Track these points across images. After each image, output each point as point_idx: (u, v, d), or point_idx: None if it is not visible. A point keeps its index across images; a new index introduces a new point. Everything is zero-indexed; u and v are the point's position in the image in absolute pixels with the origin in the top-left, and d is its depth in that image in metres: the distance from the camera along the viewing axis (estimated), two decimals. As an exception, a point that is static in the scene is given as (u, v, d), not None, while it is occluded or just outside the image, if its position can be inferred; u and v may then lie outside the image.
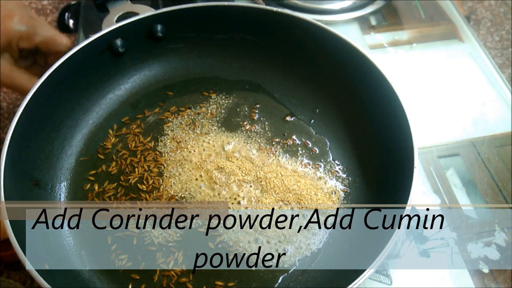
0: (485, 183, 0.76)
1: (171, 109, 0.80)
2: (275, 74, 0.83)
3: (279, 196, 0.69)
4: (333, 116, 0.79)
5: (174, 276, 0.64)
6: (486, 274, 0.67)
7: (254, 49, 0.82)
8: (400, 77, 0.87)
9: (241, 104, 0.81)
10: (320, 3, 0.97)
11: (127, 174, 0.72)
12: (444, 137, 0.82)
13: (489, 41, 1.22)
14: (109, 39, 0.75)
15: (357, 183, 0.72)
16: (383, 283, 0.66)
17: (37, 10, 1.25)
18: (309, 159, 0.75)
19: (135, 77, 0.82)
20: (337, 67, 0.77)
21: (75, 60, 0.71)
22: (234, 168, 0.72)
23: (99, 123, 0.78)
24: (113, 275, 0.64)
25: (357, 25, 0.97)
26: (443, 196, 0.74)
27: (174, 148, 0.75)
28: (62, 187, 0.71)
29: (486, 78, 0.89)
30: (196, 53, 0.84)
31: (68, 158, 0.73)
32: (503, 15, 1.25)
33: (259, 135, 0.77)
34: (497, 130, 0.82)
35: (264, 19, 0.78)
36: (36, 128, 0.69)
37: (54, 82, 0.69)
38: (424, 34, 0.97)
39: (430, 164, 0.78)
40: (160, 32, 0.79)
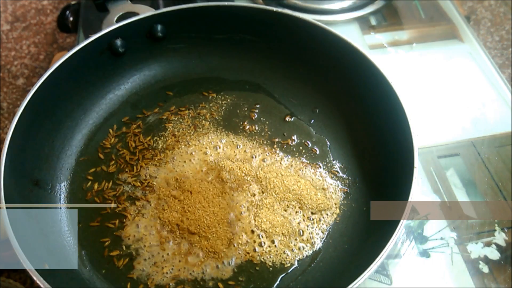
0: (485, 183, 0.76)
1: (171, 109, 0.80)
2: (275, 74, 0.83)
3: (279, 196, 0.69)
4: (333, 116, 0.79)
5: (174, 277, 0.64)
6: (486, 274, 0.67)
7: (254, 49, 0.82)
8: (400, 77, 0.87)
9: (241, 104, 0.81)
10: (320, 3, 0.97)
11: (127, 174, 0.72)
12: (444, 137, 0.81)
13: (489, 41, 1.22)
14: (109, 39, 0.75)
15: (357, 183, 0.72)
16: (383, 283, 0.66)
17: (37, 10, 1.25)
18: (309, 159, 0.75)
19: (135, 77, 0.82)
20: (337, 67, 0.77)
21: (75, 60, 0.72)
22: (234, 168, 0.72)
23: (99, 123, 0.78)
24: (113, 275, 0.64)
25: (357, 25, 0.97)
26: (443, 196, 0.74)
27: (173, 148, 0.75)
28: (62, 187, 0.71)
29: (486, 78, 0.89)
30: (196, 53, 0.84)
31: (68, 158, 0.73)
32: (503, 15, 1.25)
33: (259, 135, 0.77)
34: (497, 130, 0.82)
35: (264, 19, 0.78)
36: (36, 128, 0.69)
37: (54, 82, 0.69)
38: (424, 34, 0.97)
39: (430, 164, 0.78)
40: (160, 32, 0.79)
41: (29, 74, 1.22)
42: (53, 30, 1.30)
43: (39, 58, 1.25)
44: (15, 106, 1.13)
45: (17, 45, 1.28)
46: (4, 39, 1.29)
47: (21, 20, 1.33)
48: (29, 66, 1.23)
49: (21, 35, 1.30)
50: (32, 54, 1.26)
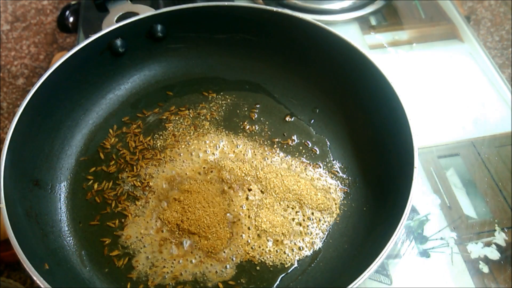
0: (485, 183, 0.76)
1: (171, 109, 0.80)
2: (275, 74, 0.83)
3: (279, 196, 0.69)
4: (333, 116, 0.79)
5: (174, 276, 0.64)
6: (486, 274, 0.67)
7: (254, 49, 0.82)
8: (400, 77, 0.87)
9: (241, 104, 0.81)
10: (320, 3, 0.97)
11: (127, 173, 0.72)
12: (444, 137, 0.81)
13: (489, 41, 1.22)
14: (109, 39, 0.75)
15: (357, 183, 0.72)
16: (383, 283, 0.66)
17: (37, 10, 1.25)
18: (309, 159, 0.75)
19: (135, 77, 0.82)
20: (337, 67, 0.77)
21: (75, 60, 0.72)
22: (234, 168, 0.72)
23: (99, 123, 0.78)
24: (113, 275, 0.64)
25: (357, 25, 0.97)
26: (443, 196, 0.74)
27: (173, 148, 0.75)
28: (62, 187, 0.71)
29: (486, 78, 0.89)
30: (196, 53, 0.84)
31: (68, 158, 0.73)
32: (503, 15, 1.25)
33: (259, 135, 0.77)
34: (497, 130, 0.82)
35: (264, 19, 0.78)
36: (36, 128, 0.69)
37: (54, 82, 0.70)
38: (424, 34, 0.97)
39: (430, 164, 0.78)
40: (160, 32, 0.79)
41: (29, 74, 1.22)
42: (53, 30, 1.31)
43: (39, 58, 1.25)
44: (15, 106, 1.13)
45: (17, 45, 1.28)
46: (4, 39, 1.29)
47: (21, 20, 1.33)
48: (29, 66, 1.23)
49: (21, 35, 1.30)
50: (32, 54, 1.26)
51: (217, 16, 0.79)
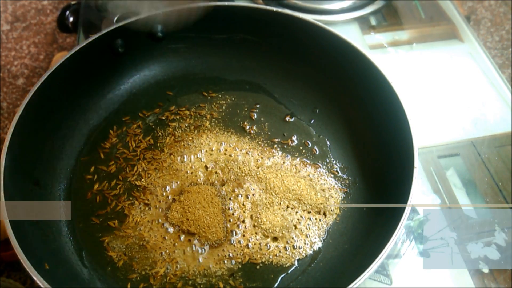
0: (485, 183, 0.76)
1: (171, 109, 0.80)
2: (275, 74, 0.83)
3: (279, 196, 0.69)
4: (333, 116, 0.79)
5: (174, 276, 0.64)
6: (486, 274, 0.67)
7: (254, 49, 0.82)
8: (400, 77, 0.87)
9: (241, 104, 0.81)
10: (320, 3, 0.97)
11: (127, 173, 0.72)
12: (444, 137, 0.81)
13: (489, 41, 1.22)
14: (109, 39, 0.75)
15: (357, 183, 0.72)
16: (383, 283, 0.66)
17: (37, 10, 1.25)
18: (309, 159, 0.75)
19: (135, 77, 0.82)
20: (337, 67, 0.77)
21: (75, 60, 0.72)
22: (234, 168, 0.72)
23: (99, 123, 0.78)
24: (113, 275, 0.64)
25: (357, 25, 0.97)
26: (443, 196, 0.74)
27: (173, 148, 0.75)
28: (62, 187, 0.71)
29: (486, 78, 0.89)
30: (196, 53, 0.84)
31: (68, 158, 0.73)
32: (503, 15, 1.25)
33: (259, 135, 0.77)
34: (497, 130, 0.82)
35: (264, 19, 0.78)
36: (36, 128, 0.69)
37: (54, 82, 0.70)
38: (424, 34, 0.97)
39: (430, 164, 0.78)
40: (160, 32, 0.79)
41: (29, 74, 1.22)
42: (53, 30, 1.31)
43: (39, 58, 1.25)
44: (15, 106, 1.13)
45: (17, 45, 1.28)
46: (4, 39, 1.29)
47: (21, 20, 1.33)
48: (29, 66, 1.23)
49: (21, 35, 1.30)
50: (32, 54, 1.26)
51: (217, 16, 0.79)
